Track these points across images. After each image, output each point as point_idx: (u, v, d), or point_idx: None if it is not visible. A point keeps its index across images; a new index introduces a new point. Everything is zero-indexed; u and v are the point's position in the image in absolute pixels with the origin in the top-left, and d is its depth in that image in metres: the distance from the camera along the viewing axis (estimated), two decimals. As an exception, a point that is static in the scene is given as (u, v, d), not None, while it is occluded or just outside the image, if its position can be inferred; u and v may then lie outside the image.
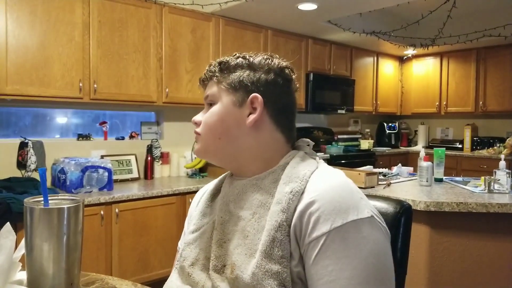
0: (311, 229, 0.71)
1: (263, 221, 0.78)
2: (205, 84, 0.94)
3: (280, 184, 0.80)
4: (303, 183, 0.78)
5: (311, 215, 0.72)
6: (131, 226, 2.73)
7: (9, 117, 2.98)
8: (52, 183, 2.89)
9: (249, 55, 0.90)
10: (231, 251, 0.81)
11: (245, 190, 0.86)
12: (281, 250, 0.72)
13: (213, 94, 0.90)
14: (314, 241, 0.71)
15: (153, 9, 3.14)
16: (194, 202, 1.04)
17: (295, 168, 0.81)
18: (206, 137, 0.89)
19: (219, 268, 0.81)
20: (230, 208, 0.86)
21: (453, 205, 2.00)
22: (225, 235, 0.84)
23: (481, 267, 2.08)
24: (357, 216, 0.71)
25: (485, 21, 4.32)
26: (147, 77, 3.13)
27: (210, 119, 0.89)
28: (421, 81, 5.55)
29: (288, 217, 0.74)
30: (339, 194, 0.74)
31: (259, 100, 0.85)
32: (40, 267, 0.74)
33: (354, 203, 0.73)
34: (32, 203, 0.75)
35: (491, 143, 4.94)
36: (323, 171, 0.82)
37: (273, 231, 0.74)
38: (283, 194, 0.77)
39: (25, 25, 2.56)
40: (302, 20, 3.77)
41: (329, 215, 0.71)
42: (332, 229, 0.70)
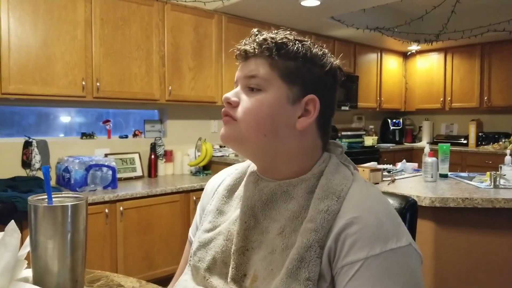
0: (346, 252, 0.67)
1: (293, 237, 0.72)
2: (248, 58, 0.79)
3: (314, 199, 0.73)
4: (340, 200, 0.71)
5: (347, 238, 0.67)
6: (136, 224, 2.73)
7: (13, 116, 2.99)
8: (57, 181, 2.89)
9: (305, 41, 0.79)
10: (254, 261, 0.76)
11: (275, 198, 0.78)
12: (308, 272, 0.68)
13: (265, 77, 0.76)
14: (348, 265, 0.66)
15: (155, 7, 3.13)
16: (208, 191, 0.96)
17: (331, 181, 0.74)
18: (248, 128, 0.76)
19: (239, 278, 0.76)
20: (256, 214, 0.79)
21: (459, 200, 1.99)
22: (248, 243, 0.78)
23: (486, 263, 2.07)
24: (396, 244, 0.67)
25: (489, 16, 4.29)
26: (150, 75, 3.13)
27: (258, 109, 0.76)
28: (425, 77, 5.52)
29: (321, 238, 0.69)
30: (379, 219, 0.68)
31: (317, 104, 0.76)
32: (45, 264, 0.74)
33: (394, 230, 0.69)
34: (36, 201, 0.75)
35: (496, 138, 4.91)
36: (360, 188, 0.75)
37: (302, 250, 0.69)
38: (317, 212, 0.71)
39: (27, 24, 2.57)
40: (305, 16, 3.76)
41: (367, 240, 0.66)
42: (369, 256, 0.65)
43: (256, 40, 0.78)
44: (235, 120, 0.78)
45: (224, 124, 0.79)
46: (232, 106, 0.78)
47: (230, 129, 0.78)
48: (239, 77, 0.80)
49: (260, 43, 0.77)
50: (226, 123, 0.79)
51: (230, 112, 0.78)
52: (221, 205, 0.88)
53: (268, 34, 0.78)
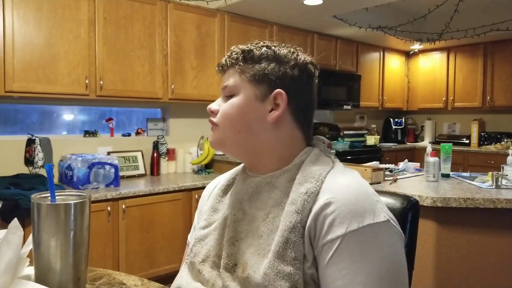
0: (326, 231, 0.70)
1: (277, 222, 0.77)
2: (224, 70, 0.88)
3: (295, 184, 0.78)
4: (318, 183, 0.76)
5: (326, 217, 0.71)
6: (138, 222, 2.74)
7: (17, 114, 3.01)
8: (59, 179, 2.91)
9: (274, 45, 0.86)
10: (243, 250, 0.80)
11: (259, 189, 0.84)
12: (294, 252, 0.71)
13: (235, 84, 0.85)
14: (329, 243, 0.70)
15: (158, 6, 3.14)
16: (204, 195, 1.02)
17: (310, 168, 0.79)
18: (225, 129, 0.85)
19: (230, 267, 0.80)
20: (243, 206, 0.84)
21: (460, 200, 1.99)
22: (237, 234, 0.82)
23: (488, 263, 2.07)
24: (373, 220, 0.70)
25: (492, 15, 4.28)
26: (153, 73, 3.13)
27: (230, 110, 0.85)
28: (427, 76, 5.51)
29: (303, 219, 0.73)
30: (355, 197, 0.72)
31: (284, 97, 0.82)
32: (48, 262, 0.75)
33: (371, 206, 0.72)
34: (39, 199, 0.76)
35: (499, 138, 4.90)
36: (338, 172, 0.80)
37: (286, 232, 0.72)
38: (298, 195, 0.75)
39: (31, 23, 2.57)
40: (308, 15, 3.75)
41: (345, 218, 0.70)
42: (348, 232, 0.68)
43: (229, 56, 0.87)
44: (216, 125, 0.87)
45: (211, 130, 0.89)
46: (214, 114, 0.88)
47: (214, 134, 0.88)
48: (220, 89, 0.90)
49: (232, 57, 0.86)
50: (211, 130, 0.89)
51: (213, 119, 0.88)
52: (216, 204, 0.93)
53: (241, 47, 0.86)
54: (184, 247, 3.25)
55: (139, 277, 0.96)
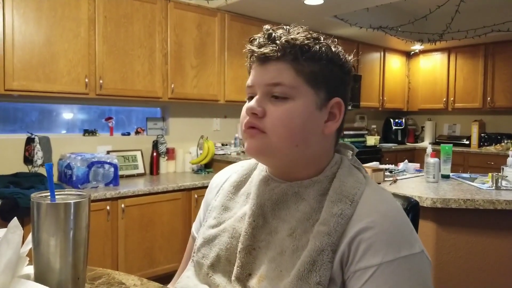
0: (360, 257, 0.66)
1: (304, 239, 0.71)
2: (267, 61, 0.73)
3: (327, 202, 0.72)
4: (353, 205, 0.70)
5: (361, 243, 0.67)
6: (137, 222, 2.74)
7: (16, 112, 3.00)
8: (59, 178, 2.90)
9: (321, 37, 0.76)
10: (261, 261, 0.74)
11: (285, 198, 0.76)
12: (319, 276, 0.67)
13: (291, 84, 0.71)
14: (361, 271, 0.66)
15: (159, 4, 3.13)
16: (212, 187, 0.95)
17: (344, 184, 0.73)
18: (280, 140, 0.72)
19: (244, 277, 0.75)
20: (265, 213, 0.77)
21: (460, 201, 1.99)
22: (255, 242, 0.76)
23: (487, 264, 2.07)
24: (410, 251, 0.67)
25: (493, 16, 4.27)
26: (153, 72, 3.13)
27: (289, 120, 0.72)
28: (428, 76, 5.51)
29: (334, 242, 0.68)
30: (394, 225, 0.68)
31: (342, 107, 0.75)
32: (47, 261, 0.74)
33: (407, 236, 0.69)
34: (39, 198, 0.75)
35: (499, 139, 4.90)
36: (374, 193, 0.74)
37: (315, 254, 0.68)
38: (330, 215, 0.70)
39: (31, 21, 2.57)
40: (308, 15, 3.75)
41: (382, 246, 0.66)
42: (383, 262, 0.65)
43: (276, 42, 0.73)
44: (263, 132, 0.73)
45: (250, 137, 0.74)
46: (258, 117, 0.73)
47: (259, 142, 0.73)
48: (258, 83, 0.74)
49: (283, 46, 0.72)
50: (253, 136, 0.74)
51: (257, 123, 0.73)
52: (227, 201, 0.87)
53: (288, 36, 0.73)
54: (184, 246, 3.24)
55: (139, 277, 0.95)
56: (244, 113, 0.76)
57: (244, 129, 0.75)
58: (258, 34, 0.77)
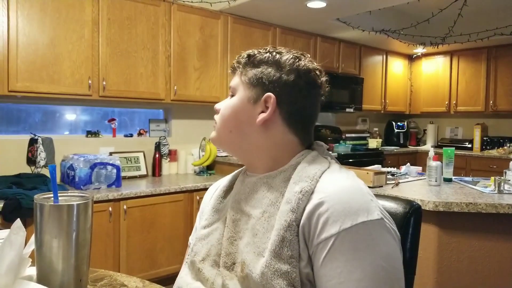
0: (320, 230, 0.71)
1: (272, 220, 0.77)
2: (234, 73, 0.94)
3: (290, 184, 0.79)
4: (313, 182, 0.77)
5: (320, 216, 0.71)
6: (139, 223, 2.74)
7: (19, 113, 3.01)
8: (61, 179, 2.91)
9: (280, 51, 0.89)
10: (241, 249, 0.80)
11: (256, 189, 0.85)
12: (290, 250, 0.72)
13: (234, 86, 0.91)
14: (323, 242, 0.70)
15: (162, 7, 3.15)
16: (206, 197, 1.04)
17: (306, 168, 0.80)
18: (220, 128, 0.91)
19: (229, 265, 0.81)
20: (241, 206, 0.86)
21: (462, 205, 1.98)
22: (236, 233, 0.83)
23: (490, 268, 2.06)
24: (367, 217, 0.70)
25: (496, 19, 4.27)
26: (156, 74, 3.14)
27: (225, 111, 0.90)
28: (430, 80, 5.50)
29: (297, 217, 0.73)
30: (349, 195, 0.73)
31: (272, 100, 0.84)
32: (50, 263, 0.75)
33: (364, 204, 0.72)
34: (42, 200, 0.76)
35: (501, 143, 4.89)
36: (333, 171, 0.81)
37: (282, 231, 0.73)
38: (292, 194, 0.76)
39: (35, 23, 2.58)
40: (311, 18, 3.76)
41: (338, 216, 0.70)
42: (341, 230, 0.69)
43: (236, 59, 0.92)
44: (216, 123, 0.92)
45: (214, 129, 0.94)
46: (217, 113, 0.92)
47: (214, 132, 0.93)
48: None
49: (237, 60, 0.92)
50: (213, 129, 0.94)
51: (215, 117, 0.93)
52: (217, 204, 0.94)
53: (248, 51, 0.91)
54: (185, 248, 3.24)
55: (141, 279, 0.96)
56: None
57: None
58: None
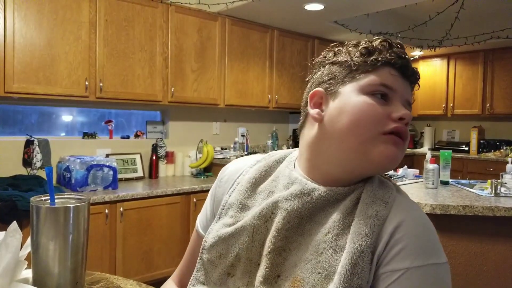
0: (390, 259, 0.66)
1: (341, 241, 0.71)
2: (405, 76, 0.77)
3: (361, 203, 0.72)
4: (388, 206, 0.71)
5: (394, 245, 0.67)
6: (136, 225, 2.73)
7: (16, 115, 3.00)
8: (57, 181, 2.90)
9: None
10: (293, 263, 0.73)
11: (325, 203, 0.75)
12: (360, 279, 0.66)
13: None
14: (389, 273, 0.66)
15: (160, 8, 3.14)
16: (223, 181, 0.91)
17: (376, 189, 0.74)
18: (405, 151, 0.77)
19: (272, 278, 0.73)
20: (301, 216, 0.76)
21: (459, 208, 1.99)
22: (287, 244, 0.75)
23: (487, 271, 2.06)
24: (437, 260, 0.67)
25: (493, 22, 4.29)
26: (153, 76, 3.13)
27: None
28: (427, 82, 5.52)
29: (372, 243, 0.68)
30: (425, 232, 0.69)
31: None
32: (46, 266, 0.74)
33: (436, 245, 0.69)
34: (39, 202, 0.75)
35: (498, 145, 4.91)
36: (406, 199, 0.75)
37: (355, 256, 0.67)
38: (366, 217, 0.70)
39: (32, 24, 2.57)
40: (309, 20, 3.76)
41: (413, 251, 0.66)
42: (411, 267, 0.65)
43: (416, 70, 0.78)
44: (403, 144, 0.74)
45: (395, 145, 0.73)
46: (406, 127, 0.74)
47: (401, 154, 0.74)
48: (401, 94, 0.75)
49: (417, 74, 0.78)
50: (398, 145, 0.73)
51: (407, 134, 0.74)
52: (244, 199, 0.83)
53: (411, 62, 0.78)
54: (182, 250, 3.22)
55: (137, 282, 0.95)
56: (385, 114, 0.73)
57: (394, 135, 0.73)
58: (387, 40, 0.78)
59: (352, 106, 0.74)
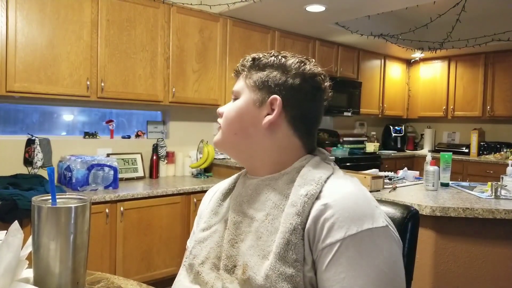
0: (325, 235, 0.71)
1: (276, 223, 0.77)
2: (238, 76, 0.94)
3: (295, 186, 0.79)
4: (318, 186, 0.77)
5: (325, 221, 0.72)
6: (136, 225, 2.74)
7: (17, 114, 3.00)
8: (58, 180, 2.90)
9: (284, 55, 0.89)
10: (243, 252, 0.80)
11: (258, 191, 0.85)
12: (295, 254, 0.72)
13: (238, 89, 0.90)
14: (328, 247, 0.70)
15: (161, 9, 3.15)
16: (205, 200, 1.03)
17: (311, 171, 0.80)
18: (224, 131, 0.90)
19: (230, 268, 0.80)
20: (243, 209, 0.85)
21: (459, 210, 1.99)
22: (237, 236, 0.83)
23: (486, 273, 2.07)
24: (372, 225, 0.71)
25: (494, 25, 4.29)
26: (154, 76, 3.14)
27: (229, 113, 0.89)
28: (428, 84, 5.52)
29: (303, 221, 0.73)
30: (355, 202, 0.73)
31: (278, 102, 0.84)
32: (47, 265, 0.74)
33: (370, 211, 0.73)
34: (40, 202, 0.75)
35: (498, 148, 4.91)
36: (338, 177, 0.81)
37: (287, 234, 0.73)
38: (298, 197, 0.76)
39: (34, 23, 2.58)
40: (310, 21, 3.77)
41: (344, 222, 0.70)
42: (347, 236, 0.69)
43: (241, 62, 0.92)
44: (220, 126, 0.91)
45: None
46: (221, 116, 0.92)
47: (217, 135, 0.92)
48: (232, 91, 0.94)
49: (242, 63, 0.91)
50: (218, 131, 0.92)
51: (219, 120, 0.92)
52: (216, 207, 0.94)
53: (253, 55, 0.91)
54: (182, 250, 3.23)
55: (138, 282, 0.95)
56: None
57: None
58: None
59: None
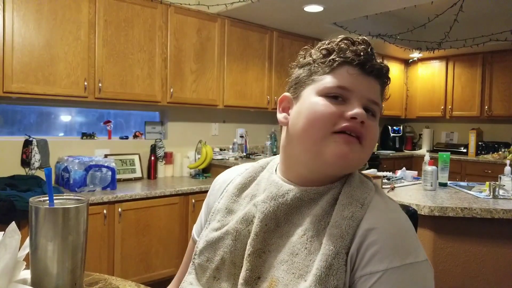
0: (366, 263, 0.67)
1: (316, 242, 0.72)
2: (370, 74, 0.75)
3: (338, 205, 0.73)
4: (363, 208, 0.71)
5: (368, 248, 0.67)
6: (134, 226, 2.73)
7: (14, 115, 2.99)
8: (56, 181, 2.89)
9: None
10: (271, 264, 0.74)
11: (300, 204, 0.77)
12: (336, 280, 0.67)
13: (380, 105, 0.77)
14: (367, 276, 0.66)
15: (159, 9, 3.14)
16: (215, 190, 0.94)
17: (354, 189, 0.74)
18: (367, 156, 0.77)
19: (252, 280, 0.74)
20: (278, 217, 0.77)
21: (458, 210, 1.99)
22: (266, 246, 0.76)
23: (484, 273, 2.07)
24: (415, 259, 0.67)
25: (491, 25, 4.30)
26: (152, 77, 3.13)
27: (376, 134, 0.77)
28: (426, 84, 5.53)
29: (347, 245, 0.68)
30: (401, 232, 0.69)
31: None
32: (45, 267, 0.74)
33: (413, 244, 0.69)
34: (38, 203, 0.75)
35: (496, 148, 4.92)
36: (383, 200, 0.76)
37: (330, 258, 0.68)
38: (342, 218, 0.70)
39: (31, 24, 2.57)
40: (308, 22, 3.77)
41: (388, 252, 0.66)
42: (389, 268, 0.65)
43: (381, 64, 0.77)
44: (360, 143, 0.73)
45: (347, 144, 0.72)
46: (362, 128, 0.73)
47: (357, 155, 0.73)
48: (360, 93, 0.74)
49: (384, 67, 0.77)
50: (350, 144, 0.72)
51: (363, 133, 0.73)
52: (231, 204, 0.86)
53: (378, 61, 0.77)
54: (180, 251, 3.22)
55: (136, 283, 0.95)
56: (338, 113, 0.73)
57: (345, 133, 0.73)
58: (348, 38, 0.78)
59: (306, 108, 0.76)
